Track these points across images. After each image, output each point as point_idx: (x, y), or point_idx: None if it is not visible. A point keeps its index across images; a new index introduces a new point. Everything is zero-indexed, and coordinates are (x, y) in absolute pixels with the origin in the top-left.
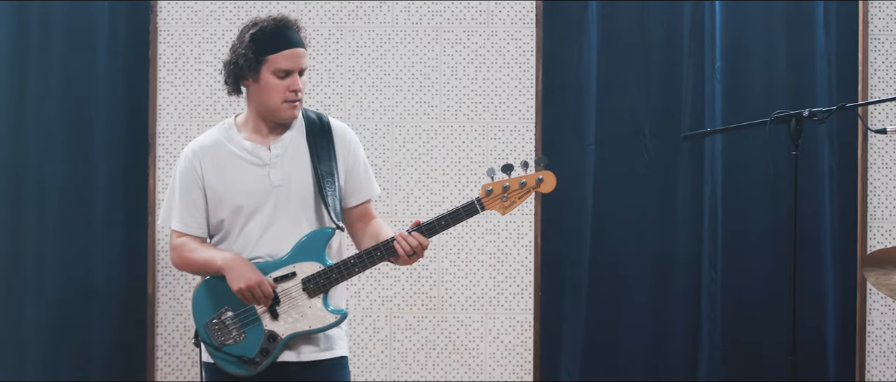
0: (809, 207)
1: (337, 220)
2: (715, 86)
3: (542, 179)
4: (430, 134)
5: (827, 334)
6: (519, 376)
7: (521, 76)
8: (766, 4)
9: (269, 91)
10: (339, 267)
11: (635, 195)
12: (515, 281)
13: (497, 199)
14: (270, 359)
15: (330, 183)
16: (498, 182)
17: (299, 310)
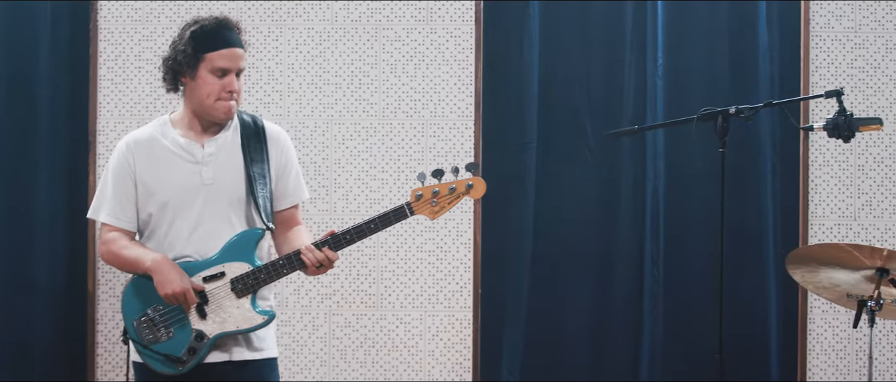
0: (752, 205)
1: (267, 221)
2: (657, 83)
3: (473, 185)
4: (368, 131)
5: (770, 333)
6: (459, 374)
7: (461, 74)
8: (708, 4)
9: (205, 89)
10: (268, 269)
11: (577, 193)
12: (455, 279)
13: (426, 204)
14: (198, 359)
15: (262, 184)
16: (428, 187)
17: (227, 310)
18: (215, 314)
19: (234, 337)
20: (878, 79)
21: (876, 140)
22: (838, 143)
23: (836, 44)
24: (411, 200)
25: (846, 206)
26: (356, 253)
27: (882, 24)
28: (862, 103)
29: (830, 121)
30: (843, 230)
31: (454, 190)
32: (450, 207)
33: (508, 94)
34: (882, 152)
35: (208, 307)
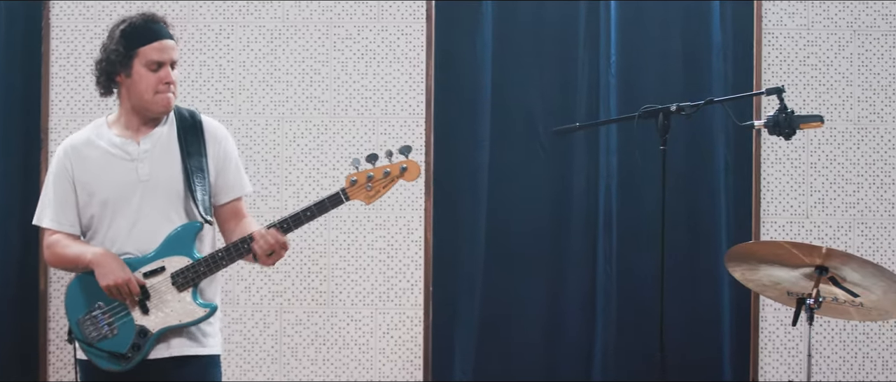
0: (706, 202)
1: (205, 215)
2: (610, 81)
3: (407, 168)
4: (320, 129)
5: (722, 331)
6: (409, 371)
7: (412, 72)
8: (662, 3)
9: (141, 84)
10: (208, 261)
11: (530, 191)
12: (405, 277)
13: (361, 189)
14: (142, 354)
15: (199, 178)
16: (362, 171)
17: (169, 305)
18: (157, 309)
19: (177, 332)
20: (830, 76)
21: (828, 138)
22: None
23: (789, 41)
24: (346, 186)
25: (798, 204)
26: (307, 250)
27: (834, 22)
28: (814, 101)
29: (771, 119)
30: (795, 228)
31: (388, 173)
32: (385, 191)
33: (461, 93)
34: (834, 150)
35: (150, 302)
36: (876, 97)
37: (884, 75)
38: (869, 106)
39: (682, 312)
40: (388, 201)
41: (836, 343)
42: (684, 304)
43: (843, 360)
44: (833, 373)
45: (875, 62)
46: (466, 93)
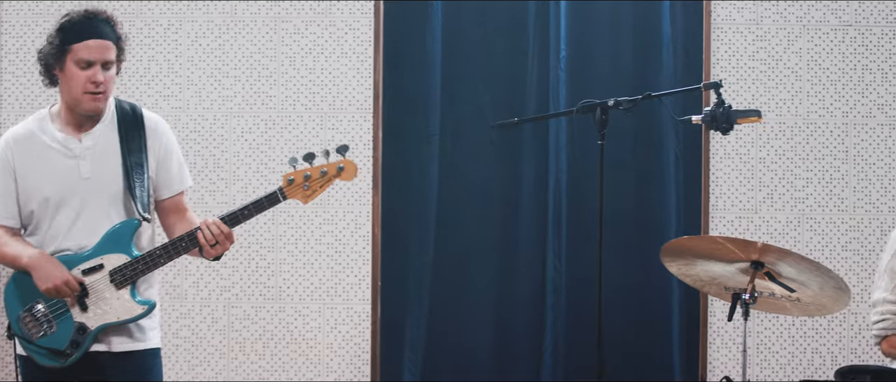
0: (656, 196)
1: (143, 212)
2: (559, 75)
3: (344, 167)
4: (268, 124)
5: (672, 326)
6: (358, 366)
7: (360, 66)
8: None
9: (72, 81)
10: (145, 259)
11: (480, 186)
12: (353, 272)
13: (299, 188)
14: (81, 351)
15: (138, 174)
16: (299, 171)
17: (107, 302)
18: (96, 306)
19: (116, 329)
20: (779, 71)
21: (777, 133)
22: (740, 136)
23: (738, 36)
24: (283, 185)
25: (747, 200)
26: (255, 245)
27: (783, 17)
28: (763, 96)
29: (708, 114)
30: (743, 223)
31: (325, 173)
32: (321, 191)
33: (411, 87)
34: (783, 145)
35: (89, 299)
36: (825, 92)
37: (833, 70)
38: (818, 101)
39: (631, 307)
40: (336, 196)
41: (785, 338)
42: (634, 299)
43: (792, 356)
44: (782, 369)
45: (824, 57)
46: (416, 88)
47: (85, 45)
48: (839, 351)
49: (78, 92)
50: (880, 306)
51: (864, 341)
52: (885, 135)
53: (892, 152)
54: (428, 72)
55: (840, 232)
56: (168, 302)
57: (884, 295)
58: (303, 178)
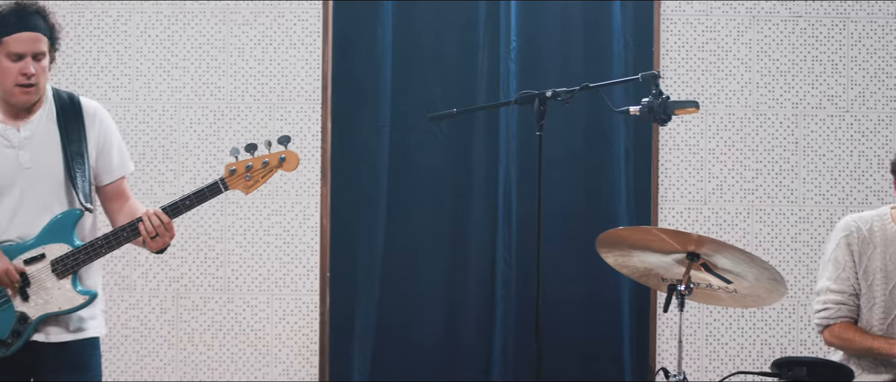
0: (606, 187)
1: (85, 202)
2: (509, 67)
3: (285, 158)
4: (216, 115)
5: (622, 317)
6: (306, 357)
7: (308, 57)
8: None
9: (3, 74)
10: (87, 249)
11: (430, 176)
12: (301, 263)
13: (240, 179)
14: (22, 340)
15: (79, 163)
16: (241, 161)
17: (49, 292)
18: (37, 296)
19: (58, 319)
20: (729, 62)
21: (726, 124)
22: (689, 127)
23: (687, 27)
24: (225, 175)
25: (696, 191)
26: (203, 236)
27: (733, 8)
28: (713, 87)
29: (646, 105)
30: (693, 214)
31: (267, 163)
32: (263, 181)
33: (361, 78)
34: (733, 136)
35: (30, 289)
36: (775, 83)
37: (783, 61)
38: (768, 92)
39: (581, 299)
40: (284, 187)
41: (735, 330)
42: (584, 291)
43: (742, 347)
44: (731, 360)
45: (774, 48)
46: (366, 79)
47: (15, 37)
48: (789, 342)
49: (9, 84)
50: (823, 295)
51: (815, 332)
52: (835, 127)
53: (842, 143)
54: (378, 64)
55: (790, 223)
56: (117, 293)
57: (827, 284)
58: (245, 169)
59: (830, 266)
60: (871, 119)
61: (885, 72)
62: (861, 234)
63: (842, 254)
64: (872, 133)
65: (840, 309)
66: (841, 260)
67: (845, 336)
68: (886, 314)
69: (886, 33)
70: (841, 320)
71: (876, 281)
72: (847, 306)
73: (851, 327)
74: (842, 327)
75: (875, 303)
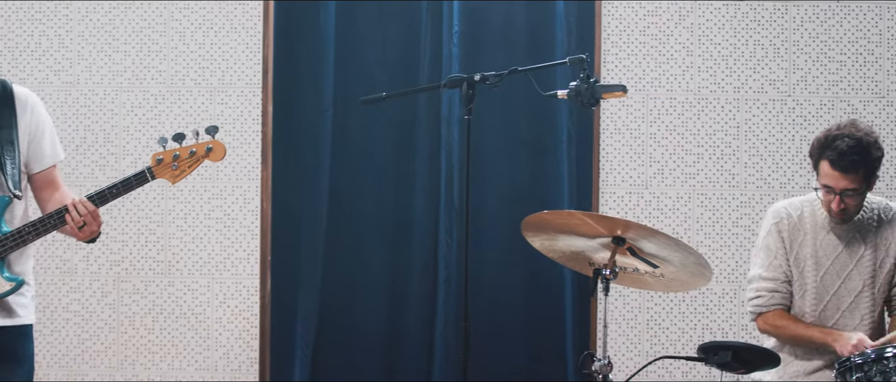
0: (550, 171)
1: (14, 189)
2: (452, 51)
3: (212, 148)
4: (157, 99)
5: (564, 302)
6: (246, 341)
7: (249, 41)
8: None
9: None
10: (14, 236)
11: (373, 160)
12: (242, 246)
13: (167, 168)
14: None
15: (9, 151)
16: (169, 150)
17: None
18: None
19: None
20: (670, 46)
21: (668, 108)
22: (631, 112)
23: (629, 11)
24: (152, 165)
25: (638, 175)
26: (144, 220)
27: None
28: (654, 71)
29: (574, 89)
30: (634, 198)
31: (194, 153)
32: (190, 171)
33: (304, 62)
34: (674, 120)
35: None
36: (717, 67)
37: (724, 45)
38: (709, 76)
39: (524, 283)
40: (225, 171)
41: (675, 315)
42: (527, 274)
43: (683, 331)
44: (672, 345)
45: (716, 32)
46: (309, 63)
47: None
48: (730, 327)
49: None
50: (756, 282)
51: None
52: (777, 111)
53: (784, 127)
54: (321, 48)
55: (731, 207)
56: (58, 276)
57: (759, 271)
58: (171, 158)
59: (762, 253)
60: (814, 103)
61: (827, 56)
62: (791, 221)
63: (773, 241)
64: (814, 117)
65: (773, 297)
66: (772, 247)
67: (778, 324)
68: (818, 300)
69: (829, 17)
70: (774, 308)
71: (807, 268)
72: (780, 293)
73: (784, 315)
74: (775, 315)
75: (806, 290)
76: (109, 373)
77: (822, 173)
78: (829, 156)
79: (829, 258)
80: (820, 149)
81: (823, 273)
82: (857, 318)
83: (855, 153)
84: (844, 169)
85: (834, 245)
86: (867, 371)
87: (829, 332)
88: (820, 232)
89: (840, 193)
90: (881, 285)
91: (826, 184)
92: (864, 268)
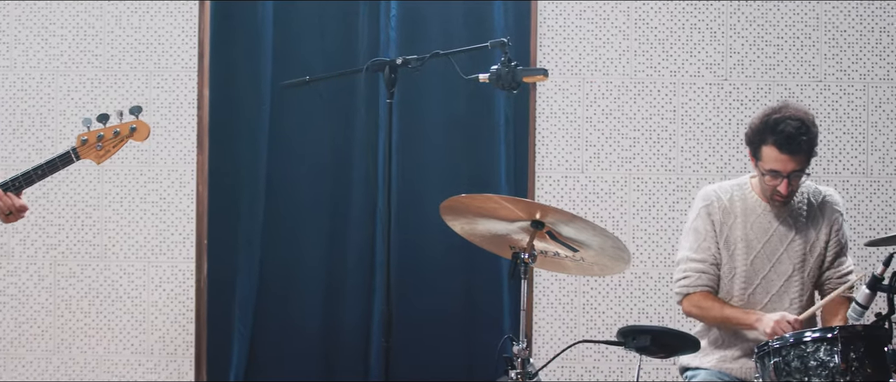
0: (487, 156)
1: None
2: (390, 34)
3: (136, 128)
4: (94, 83)
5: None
6: (182, 324)
7: (185, 25)
8: None
9: None
10: None
11: (311, 145)
12: (178, 230)
13: (92, 149)
14: None
15: None
16: (93, 131)
17: None
18: None
19: None
20: (607, 30)
21: (604, 92)
22: (567, 95)
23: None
24: (77, 145)
25: (574, 159)
26: (80, 204)
27: None
28: (591, 55)
29: (495, 72)
30: (570, 183)
31: (118, 133)
32: (115, 151)
33: (241, 46)
34: (610, 104)
35: None
36: (653, 51)
37: (661, 30)
38: (646, 60)
39: (462, 267)
40: (161, 155)
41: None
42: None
43: (619, 315)
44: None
45: (652, 16)
46: (247, 46)
47: None
48: (667, 311)
49: None
50: (683, 264)
51: None
52: (714, 95)
53: (720, 111)
54: (259, 31)
55: (668, 191)
56: None
57: (687, 253)
58: (96, 139)
59: (691, 235)
60: (750, 87)
61: (763, 40)
62: (721, 204)
63: (702, 224)
64: (751, 101)
65: (699, 278)
66: (701, 229)
67: (703, 305)
68: (747, 284)
69: (765, 1)
70: (700, 289)
71: (737, 251)
72: (707, 275)
73: (709, 296)
74: (700, 296)
75: (736, 273)
76: (46, 356)
77: (766, 158)
78: (776, 141)
79: (759, 241)
80: (761, 133)
81: (754, 256)
82: (787, 302)
83: (802, 134)
84: (792, 151)
85: (764, 228)
86: (785, 356)
87: (751, 312)
88: (750, 216)
89: (788, 176)
90: (811, 269)
91: (772, 168)
92: (795, 252)
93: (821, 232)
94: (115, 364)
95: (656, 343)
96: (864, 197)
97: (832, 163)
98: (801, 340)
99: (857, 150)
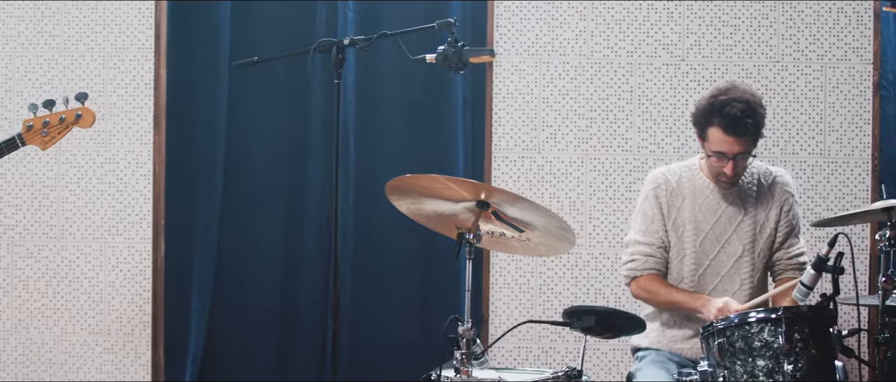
0: (445, 136)
1: None
2: (347, 15)
3: (82, 114)
4: (50, 64)
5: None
6: (139, 305)
7: (141, 6)
8: None
9: None
10: None
11: (269, 130)
12: (134, 211)
13: (37, 134)
14: None
15: None
16: (39, 117)
17: None
18: None
19: None
20: (563, 10)
21: (561, 73)
22: (523, 76)
23: None
24: (22, 131)
25: (530, 140)
26: (37, 184)
27: None
28: (547, 35)
29: (441, 53)
30: (526, 163)
31: (64, 119)
32: (60, 137)
33: (198, 26)
34: (567, 85)
35: None
36: (610, 32)
37: (617, 9)
38: (602, 40)
39: (419, 249)
40: (118, 135)
41: (569, 279)
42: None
43: (576, 296)
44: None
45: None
46: (204, 26)
47: None
48: (623, 292)
49: None
50: (631, 247)
51: None
52: (671, 75)
53: (677, 92)
54: (216, 12)
55: (624, 172)
56: None
57: (636, 236)
58: (42, 125)
59: (639, 218)
60: (707, 68)
61: (721, 20)
62: (669, 186)
63: (650, 207)
64: (708, 82)
65: (647, 261)
66: (649, 212)
67: (651, 289)
68: (697, 265)
69: None
70: (648, 272)
71: (686, 233)
72: (654, 258)
73: (657, 279)
74: (648, 279)
75: (685, 255)
76: (3, 336)
77: (712, 140)
78: (722, 123)
79: (708, 223)
80: (707, 115)
81: (703, 238)
82: (737, 283)
83: (748, 116)
84: (738, 133)
85: (713, 210)
86: (729, 337)
87: (697, 297)
88: (699, 198)
89: (733, 157)
90: (761, 250)
91: (718, 150)
92: (744, 233)
93: (771, 212)
94: (72, 345)
95: (602, 324)
96: (821, 178)
97: (789, 144)
98: (746, 321)
99: (814, 131)
